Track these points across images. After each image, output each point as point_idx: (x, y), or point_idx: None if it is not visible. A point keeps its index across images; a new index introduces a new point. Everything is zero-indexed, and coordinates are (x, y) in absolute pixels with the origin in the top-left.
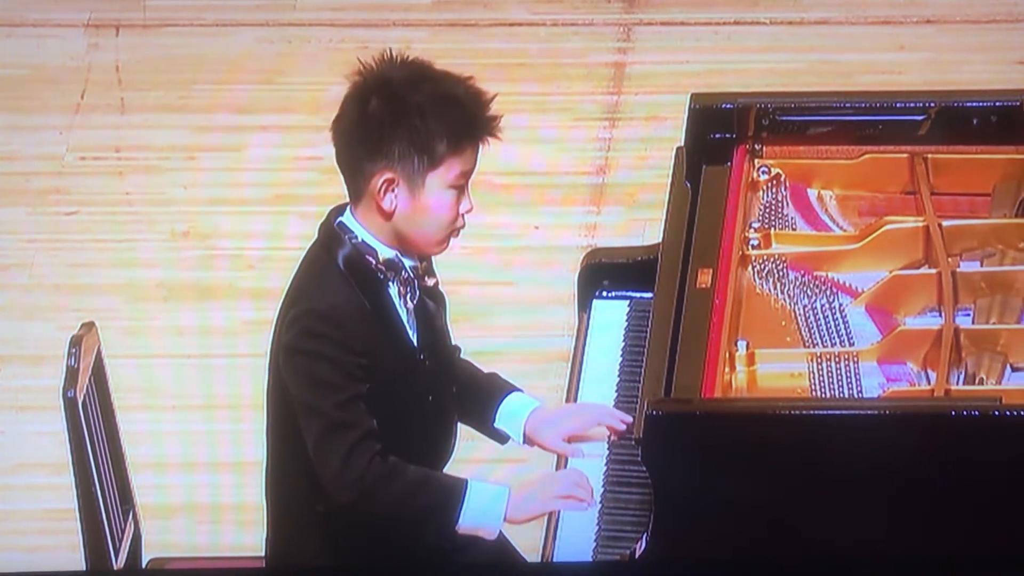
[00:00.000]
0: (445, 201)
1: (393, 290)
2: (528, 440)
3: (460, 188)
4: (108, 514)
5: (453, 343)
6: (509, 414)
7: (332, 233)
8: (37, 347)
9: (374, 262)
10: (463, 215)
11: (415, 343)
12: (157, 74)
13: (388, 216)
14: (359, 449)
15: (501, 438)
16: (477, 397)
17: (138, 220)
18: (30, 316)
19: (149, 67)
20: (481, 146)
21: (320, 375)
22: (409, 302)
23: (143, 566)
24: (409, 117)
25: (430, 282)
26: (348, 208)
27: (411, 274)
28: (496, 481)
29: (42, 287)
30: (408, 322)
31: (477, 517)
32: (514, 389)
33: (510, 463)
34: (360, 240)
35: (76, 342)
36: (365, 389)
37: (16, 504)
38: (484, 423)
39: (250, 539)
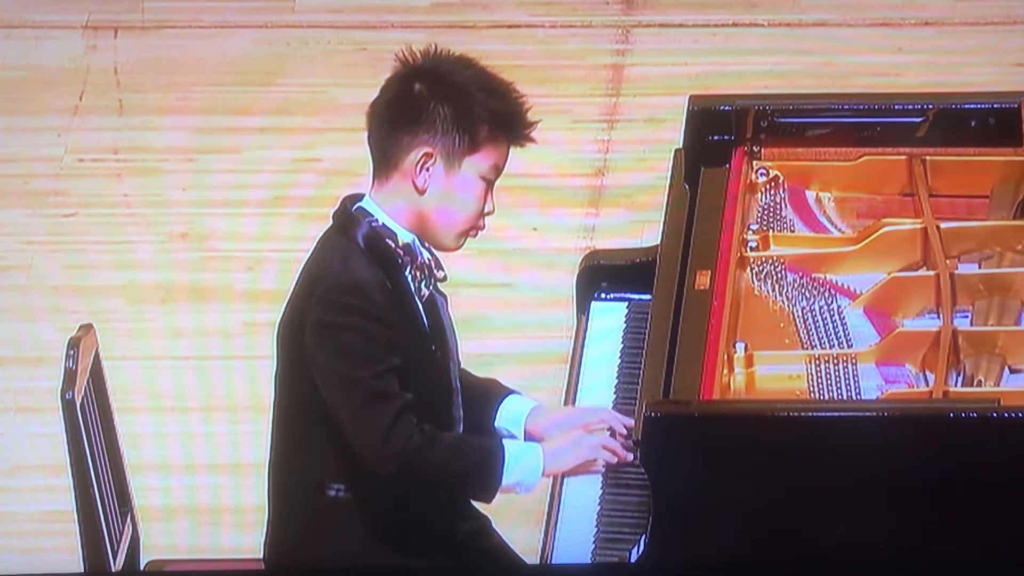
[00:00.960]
0: (476, 190)
1: (409, 275)
2: (529, 437)
3: (489, 183)
4: (106, 516)
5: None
6: (509, 414)
7: (350, 216)
8: (35, 349)
9: (393, 245)
10: (484, 216)
11: (427, 330)
12: (155, 76)
13: (420, 192)
14: (401, 421)
15: None
16: (475, 400)
17: (136, 222)
18: (28, 318)
19: (147, 69)
20: (512, 148)
21: (356, 346)
22: (424, 289)
23: (141, 568)
24: (456, 95)
25: (440, 274)
26: (366, 195)
27: (427, 261)
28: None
29: (40, 289)
30: (422, 308)
31: (517, 473)
32: (512, 391)
33: None
34: (380, 223)
35: (74, 344)
36: (399, 361)
37: (14, 506)
38: (483, 425)
39: (249, 541)
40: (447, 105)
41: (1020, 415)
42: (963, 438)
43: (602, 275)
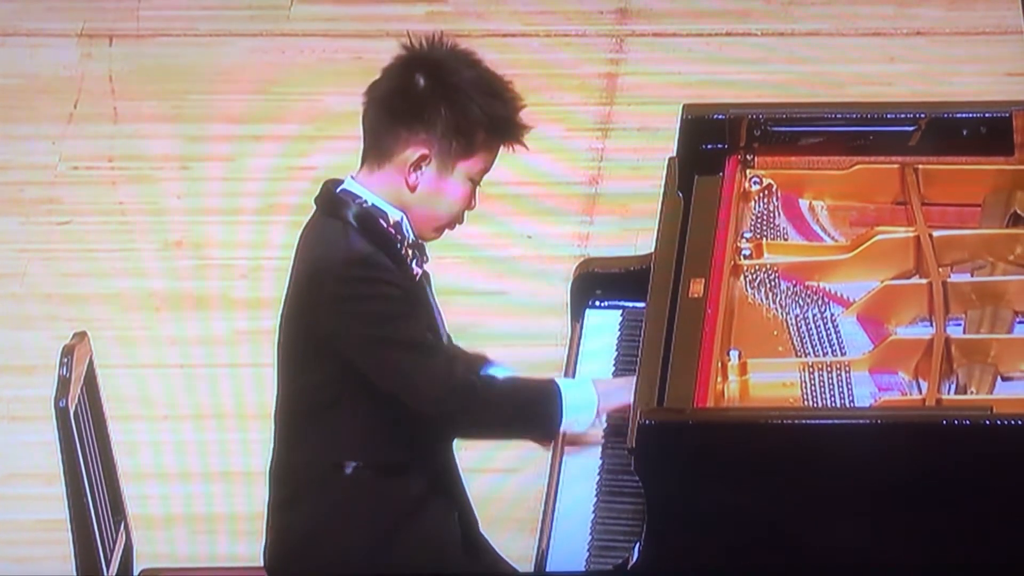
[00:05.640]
0: (463, 192)
1: (402, 252)
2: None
3: (475, 184)
4: (100, 524)
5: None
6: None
7: (336, 199)
8: (29, 357)
9: (384, 224)
10: (465, 211)
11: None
12: (150, 84)
13: (411, 189)
14: (456, 362)
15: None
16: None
17: (131, 230)
18: (22, 326)
19: (142, 77)
20: (508, 157)
21: (383, 310)
22: (416, 267)
23: None
24: (457, 97)
25: (424, 256)
26: (346, 179)
27: (414, 240)
28: (489, 484)
29: (34, 297)
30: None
31: (574, 408)
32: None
33: (503, 472)
34: (369, 203)
35: (68, 352)
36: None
37: (7, 514)
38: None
39: (243, 549)
40: (447, 107)
41: (1013, 422)
42: (956, 445)
43: (596, 283)
